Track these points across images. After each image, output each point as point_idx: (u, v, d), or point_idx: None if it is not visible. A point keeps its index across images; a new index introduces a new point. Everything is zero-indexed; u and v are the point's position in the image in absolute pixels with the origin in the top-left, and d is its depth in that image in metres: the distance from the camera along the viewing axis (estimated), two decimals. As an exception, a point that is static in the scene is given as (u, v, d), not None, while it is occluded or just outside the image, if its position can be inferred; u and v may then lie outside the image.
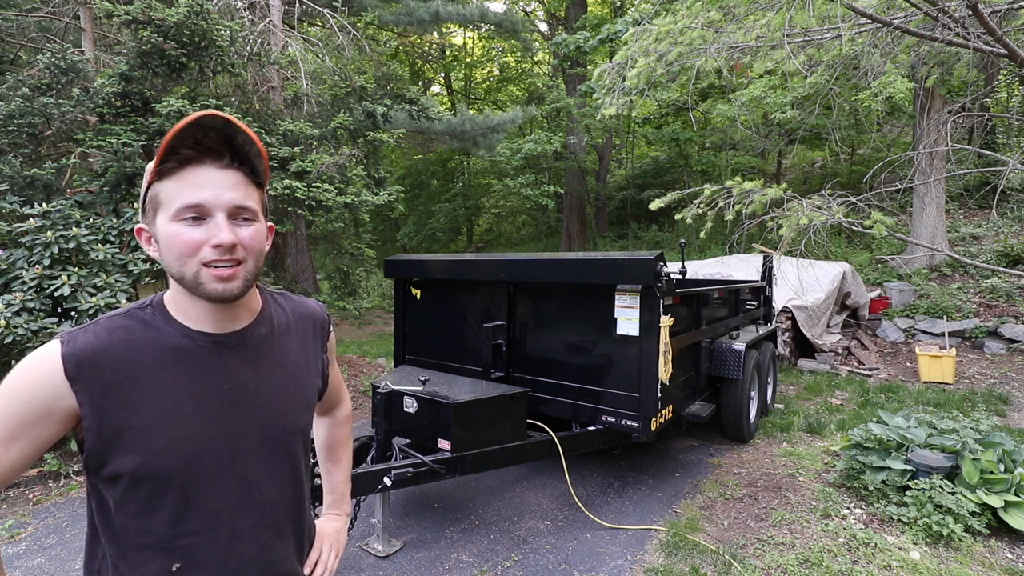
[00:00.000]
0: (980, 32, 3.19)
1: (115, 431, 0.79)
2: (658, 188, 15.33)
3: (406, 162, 20.10)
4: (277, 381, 0.96)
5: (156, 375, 0.83)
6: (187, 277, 0.82)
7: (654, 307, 3.09)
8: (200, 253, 0.80)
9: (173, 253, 0.81)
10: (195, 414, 0.85)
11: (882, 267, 9.76)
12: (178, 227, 0.80)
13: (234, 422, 0.89)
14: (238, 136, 0.81)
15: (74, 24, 7.08)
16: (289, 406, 0.97)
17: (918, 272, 9.11)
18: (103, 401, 0.79)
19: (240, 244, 0.82)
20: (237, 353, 0.91)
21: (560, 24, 17.90)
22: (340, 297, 7.19)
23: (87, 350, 0.80)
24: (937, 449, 3.47)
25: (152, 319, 0.87)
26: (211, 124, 0.79)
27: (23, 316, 3.54)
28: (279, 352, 0.98)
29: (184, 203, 0.80)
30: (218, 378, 0.88)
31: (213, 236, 0.80)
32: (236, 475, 0.89)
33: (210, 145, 0.81)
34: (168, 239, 0.81)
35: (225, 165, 0.83)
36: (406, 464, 2.79)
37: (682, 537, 3.08)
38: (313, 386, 1.05)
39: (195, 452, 0.85)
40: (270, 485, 0.94)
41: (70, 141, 5.10)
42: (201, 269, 0.81)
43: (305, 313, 1.07)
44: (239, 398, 0.90)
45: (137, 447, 0.80)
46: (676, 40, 4.09)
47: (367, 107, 7.29)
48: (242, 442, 0.90)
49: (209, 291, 0.82)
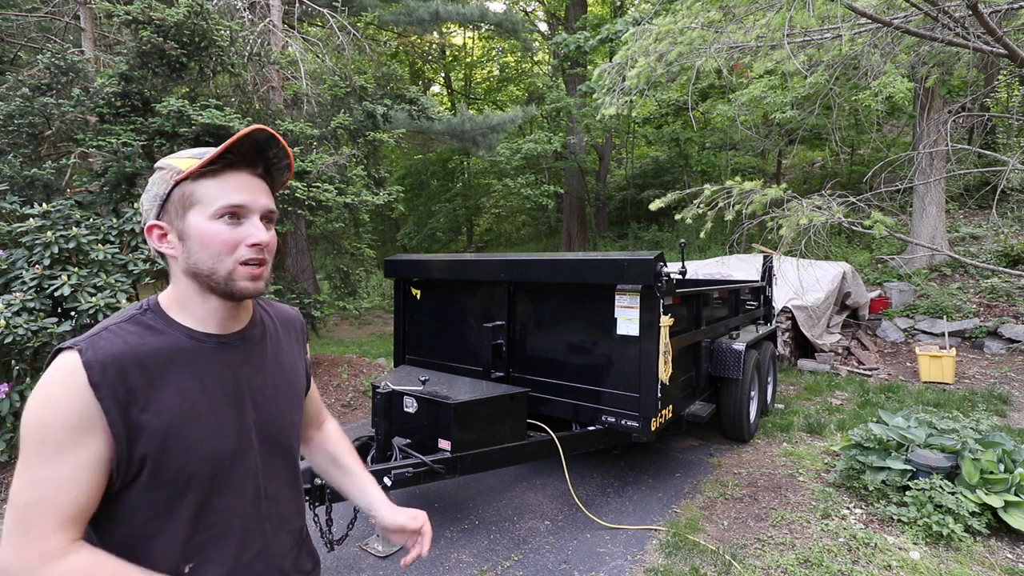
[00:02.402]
0: (980, 32, 3.19)
1: (138, 435, 0.80)
2: (658, 188, 15.33)
3: (406, 162, 20.10)
4: (274, 379, 1.00)
5: (172, 377, 0.85)
6: (219, 273, 0.86)
7: (654, 307, 3.09)
8: (237, 251, 0.87)
9: (210, 250, 0.86)
10: (208, 413, 0.87)
11: (882, 267, 9.76)
12: (219, 225, 0.86)
13: (240, 419, 0.92)
14: (271, 149, 0.90)
15: (74, 24, 7.08)
16: (286, 403, 1.02)
17: (918, 272, 9.11)
18: (128, 406, 0.79)
19: (269, 245, 0.90)
20: (239, 352, 0.95)
21: (560, 24, 17.90)
22: (340, 297, 7.19)
23: (109, 356, 0.80)
24: (937, 449, 3.47)
25: (156, 324, 0.88)
26: (258, 137, 0.87)
27: (23, 316, 3.54)
28: (273, 352, 1.02)
29: (227, 203, 0.86)
30: (225, 377, 0.91)
31: (251, 235, 0.87)
32: (246, 471, 0.92)
33: (245, 153, 0.88)
34: (206, 236, 0.86)
35: (258, 174, 0.91)
36: (406, 464, 2.79)
37: (682, 537, 3.08)
38: (302, 385, 1.10)
39: (212, 451, 0.87)
40: (273, 479, 0.98)
41: (70, 141, 5.10)
42: (238, 267, 0.87)
43: (285, 317, 1.13)
44: (243, 396, 0.93)
45: (159, 450, 0.81)
46: (676, 40, 4.09)
47: (367, 107, 7.29)
48: (249, 438, 0.93)
49: (241, 288, 0.88)
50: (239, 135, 0.84)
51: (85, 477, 0.76)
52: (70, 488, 0.76)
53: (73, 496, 0.76)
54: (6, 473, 3.82)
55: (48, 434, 0.75)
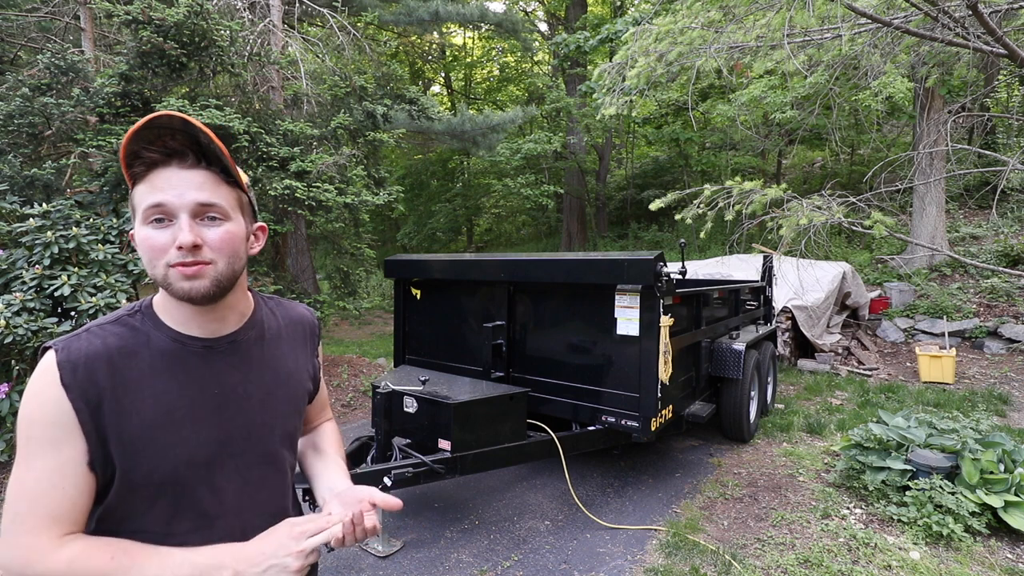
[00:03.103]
0: (980, 32, 3.19)
1: (109, 437, 0.79)
2: (658, 188, 15.33)
3: (406, 162, 20.10)
4: (267, 385, 0.97)
5: (148, 380, 0.84)
6: (158, 279, 0.83)
7: (654, 307, 3.09)
8: (167, 255, 0.80)
9: (146, 256, 0.82)
10: (186, 419, 0.86)
11: (882, 267, 9.76)
12: (147, 230, 0.81)
13: (223, 426, 0.90)
14: (201, 135, 0.80)
15: (74, 24, 7.08)
16: (278, 410, 0.98)
17: (918, 272, 9.11)
18: (98, 407, 0.79)
19: (206, 245, 0.82)
20: (227, 357, 0.92)
21: (560, 24, 17.90)
22: (340, 297, 7.19)
23: (81, 357, 0.80)
24: (937, 449, 3.47)
25: (142, 325, 0.87)
26: (168, 125, 0.78)
27: (23, 316, 3.54)
28: (269, 357, 0.99)
29: (147, 204, 0.80)
30: (208, 383, 0.89)
31: (175, 237, 0.80)
32: (227, 477, 0.90)
33: (174, 147, 0.81)
34: (141, 243, 0.82)
35: (190, 165, 0.82)
36: (406, 464, 2.79)
37: (682, 537, 3.08)
38: (304, 391, 1.06)
39: (186, 457, 0.85)
40: (259, 488, 0.95)
41: (70, 141, 5.10)
42: (169, 270, 0.81)
43: (296, 318, 1.08)
44: (228, 402, 0.91)
45: (130, 453, 0.81)
46: (676, 40, 4.09)
47: (367, 107, 7.29)
48: (231, 446, 0.91)
49: (176, 290, 0.82)
50: (132, 130, 0.76)
51: (68, 474, 0.77)
52: (52, 485, 0.77)
53: (57, 493, 0.77)
54: (6, 473, 3.82)
55: (33, 430, 0.77)
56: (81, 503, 0.79)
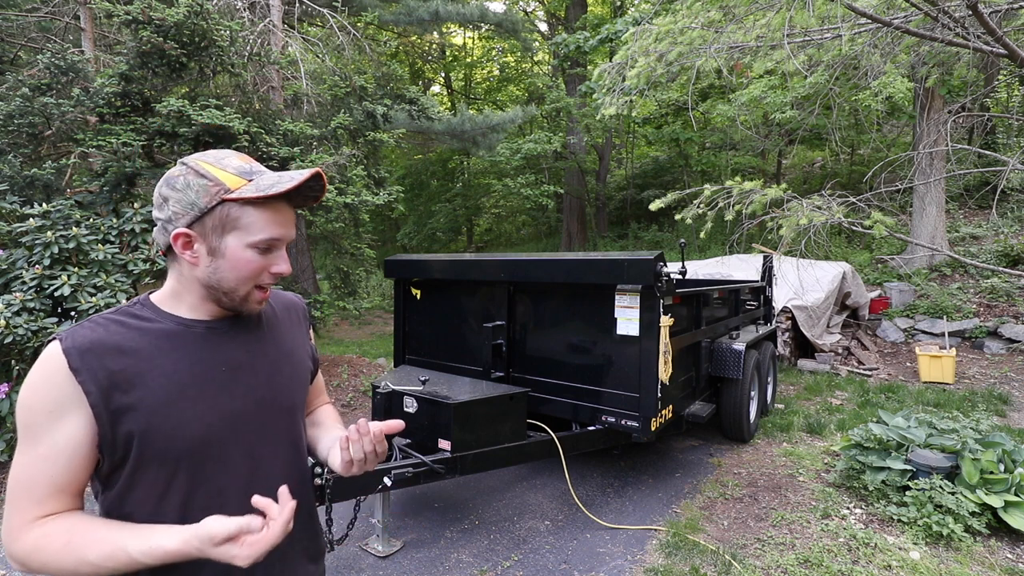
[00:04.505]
0: (980, 32, 3.19)
1: (121, 416, 0.82)
2: (658, 188, 15.33)
3: (406, 162, 20.09)
4: (271, 359, 1.01)
5: (157, 360, 0.87)
6: (238, 293, 0.92)
7: (654, 307, 3.09)
8: (260, 277, 0.93)
9: (239, 274, 0.90)
10: (198, 395, 0.89)
11: (882, 267, 9.76)
12: (252, 254, 0.90)
13: (234, 401, 0.93)
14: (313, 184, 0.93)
15: (74, 24, 7.08)
16: (284, 383, 1.02)
17: (918, 272, 9.11)
18: (109, 389, 0.82)
19: None
20: (231, 336, 0.96)
21: (560, 24, 17.89)
22: (340, 297, 7.19)
23: (87, 342, 0.83)
24: (937, 449, 3.47)
25: (143, 313, 0.92)
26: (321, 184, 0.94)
27: (23, 316, 3.54)
28: (269, 336, 1.04)
29: (269, 236, 0.91)
30: (216, 360, 0.93)
31: (274, 265, 0.94)
32: (241, 452, 0.93)
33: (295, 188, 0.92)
34: (240, 262, 0.90)
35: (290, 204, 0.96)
36: (406, 464, 2.79)
37: (682, 537, 3.08)
38: (305, 368, 1.11)
39: (201, 432, 0.88)
40: (274, 461, 0.98)
41: (70, 141, 5.10)
42: (254, 290, 0.93)
43: (287, 304, 1.15)
44: (237, 377, 0.94)
45: (144, 430, 0.83)
46: (676, 40, 4.09)
47: (367, 107, 7.29)
48: (243, 419, 0.94)
49: (252, 307, 0.95)
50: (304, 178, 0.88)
51: (63, 457, 0.81)
52: (46, 468, 0.81)
53: (50, 475, 0.81)
54: (6, 473, 3.82)
55: (31, 417, 0.81)
56: (72, 482, 0.83)
